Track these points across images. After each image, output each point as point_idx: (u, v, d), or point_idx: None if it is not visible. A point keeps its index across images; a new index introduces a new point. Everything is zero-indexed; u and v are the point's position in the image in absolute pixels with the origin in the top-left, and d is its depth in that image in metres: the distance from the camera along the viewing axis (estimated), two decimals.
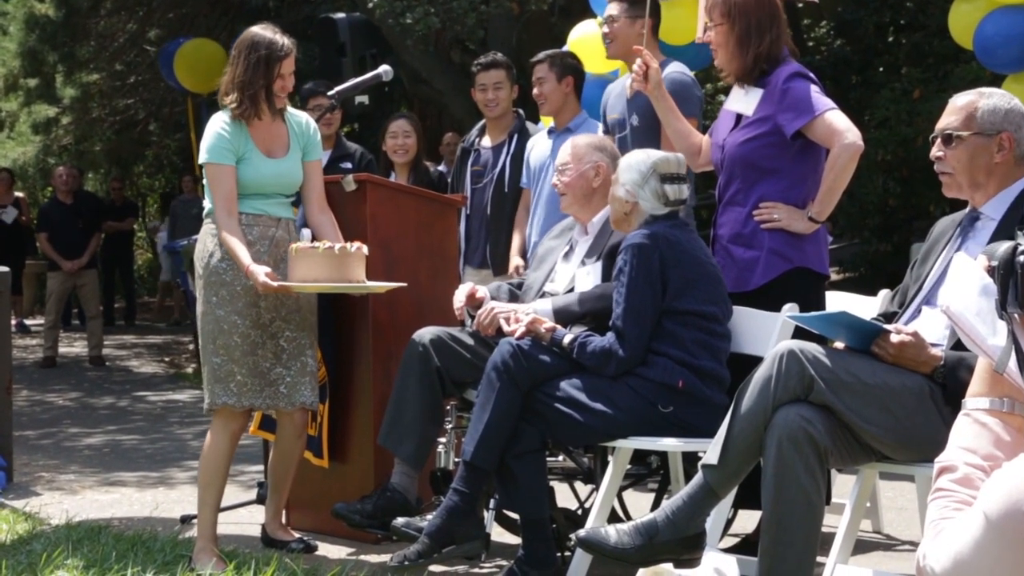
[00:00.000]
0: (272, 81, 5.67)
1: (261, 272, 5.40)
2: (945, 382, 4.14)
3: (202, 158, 5.69)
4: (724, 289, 5.16)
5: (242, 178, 5.67)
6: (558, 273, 5.64)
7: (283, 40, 5.69)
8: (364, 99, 9.60)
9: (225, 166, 5.63)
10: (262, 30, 5.73)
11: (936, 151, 4.41)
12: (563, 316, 5.27)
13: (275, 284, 5.40)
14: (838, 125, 5.32)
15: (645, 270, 4.99)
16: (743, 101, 5.48)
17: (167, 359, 15.90)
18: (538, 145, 7.44)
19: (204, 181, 5.77)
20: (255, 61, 5.65)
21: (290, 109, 5.88)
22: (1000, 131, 4.32)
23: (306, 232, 5.83)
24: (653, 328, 5.01)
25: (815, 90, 5.38)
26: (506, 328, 5.27)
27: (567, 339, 5.08)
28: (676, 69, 6.51)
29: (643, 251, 5.01)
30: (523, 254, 7.35)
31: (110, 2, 18.45)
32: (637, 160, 5.21)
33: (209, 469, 5.70)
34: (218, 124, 5.70)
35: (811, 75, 5.47)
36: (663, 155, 5.25)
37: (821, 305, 5.46)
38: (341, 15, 13.17)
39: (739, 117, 5.51)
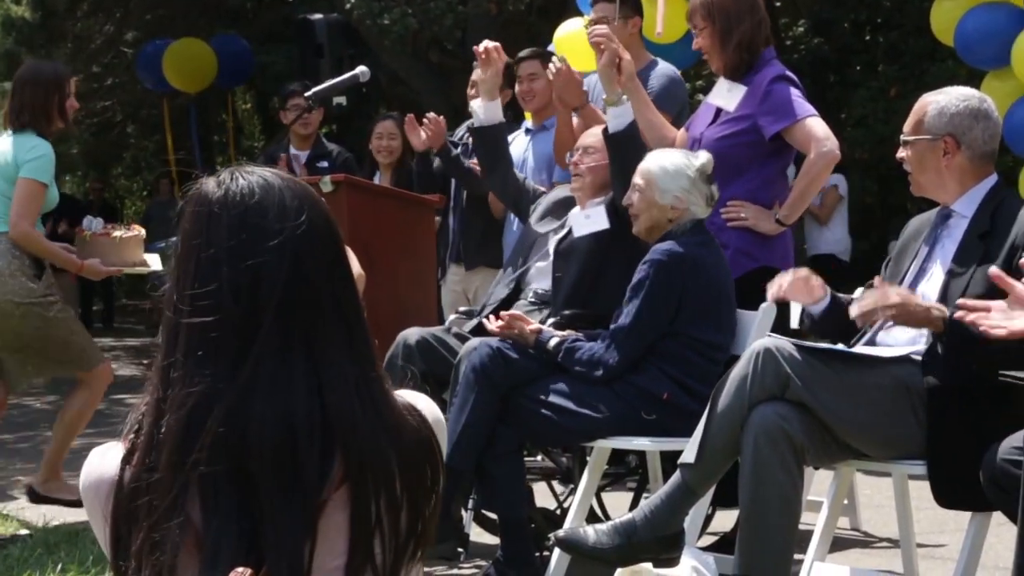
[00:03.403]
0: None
1: (96, 262, 6.30)
2: (952, 333, 4.04)
3: (41, 176, 6.17)
4: (735, 311, 5.11)
5: (52, 202, 6.38)
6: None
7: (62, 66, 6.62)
8: (342, 100, 9.61)
9: (45, 187, 6.22)
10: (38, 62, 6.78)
11: (899, 152, 4.47)
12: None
13: (111, 269, 6.43)
14: (818, 132, 5.36)
15: (665, 291, 4.93)
16: (725, 97, 5.49)
17: (146, 361, 15.85)
18: (515, 142, 7.39)
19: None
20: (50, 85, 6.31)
21: None
22: (943, 135, 4.35)
23: (93, 221, 6.53)
24: (651, 344, 5.01)
25: (797, 95, 5.42)
26: (488, 326, 5.26)
27: (553, 342, 5.06)
28: (666, 68, 6.51)
29: (669, 271, 4.93)
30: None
31: (87, 4, 18.40)
32: (680, 164, 5.06)
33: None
34: (48, 146, 6.23)
35: (795, 79, 5.51)
36: (701, 156, 5.15)
37: (786, 304, 5.46)
38: (319, 16, 13.17)
39: (718, 112, 5.53)
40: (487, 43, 6.09)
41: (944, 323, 4.05)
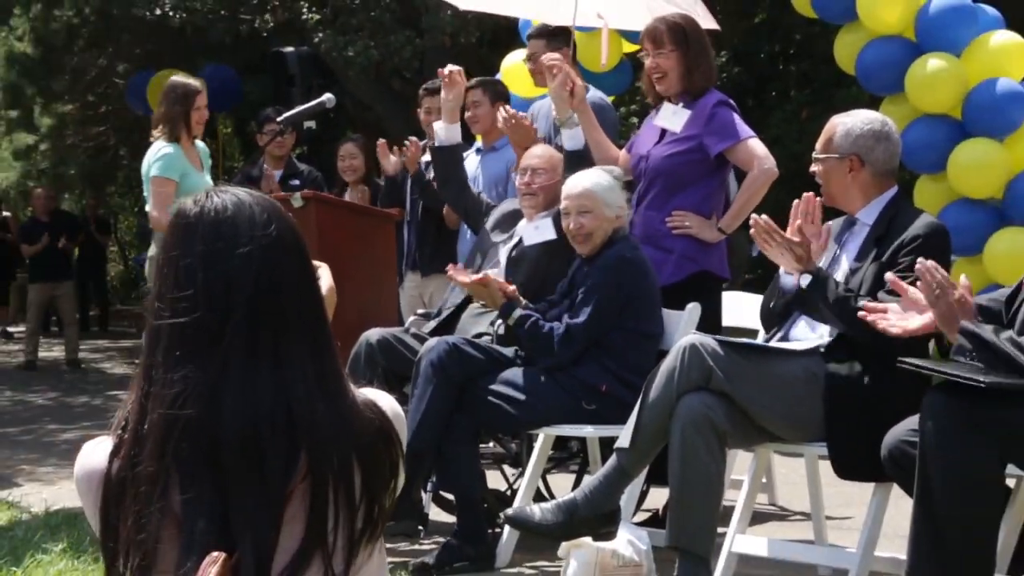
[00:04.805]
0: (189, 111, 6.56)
1: None
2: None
3: (164, 172, 6.42)
4: (660, 306, 5.12)
5: (194, 190, 6.04)
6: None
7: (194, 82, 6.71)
8: (312, 124, 9.58)
9: (173, 182, 6.48)
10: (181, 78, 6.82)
11: (812, 167, 4.52)
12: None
13: None
14: (759, 151, 5.42)
15: (616, 291, 4.97)
16: (671, 119, 5.48)
17: (137, 361, 15.73)
18: (467, 161, 7.35)
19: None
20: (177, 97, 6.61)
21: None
22: (849, 154, 4.40)
23: None
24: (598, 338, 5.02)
25: (738, 118, 5.46)
26: (464, 279, 5.24)
27: (518, 313, 5.06)
28: (595, 94, 6.51)
29: (619, 275, 4.98)
30: None
31: (83, 40, 18.24)
32: (609, 180, 5.09)
33: None
34: (172, 147, 6.49)
35: (734, 104, 5.54)
36: (613, 169, 5.22)
37: (719, 303, 5.51)
38: (291, 49, 13.16)
39: (663, 132, 5.52)
40: (451, 67, 6.06)
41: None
